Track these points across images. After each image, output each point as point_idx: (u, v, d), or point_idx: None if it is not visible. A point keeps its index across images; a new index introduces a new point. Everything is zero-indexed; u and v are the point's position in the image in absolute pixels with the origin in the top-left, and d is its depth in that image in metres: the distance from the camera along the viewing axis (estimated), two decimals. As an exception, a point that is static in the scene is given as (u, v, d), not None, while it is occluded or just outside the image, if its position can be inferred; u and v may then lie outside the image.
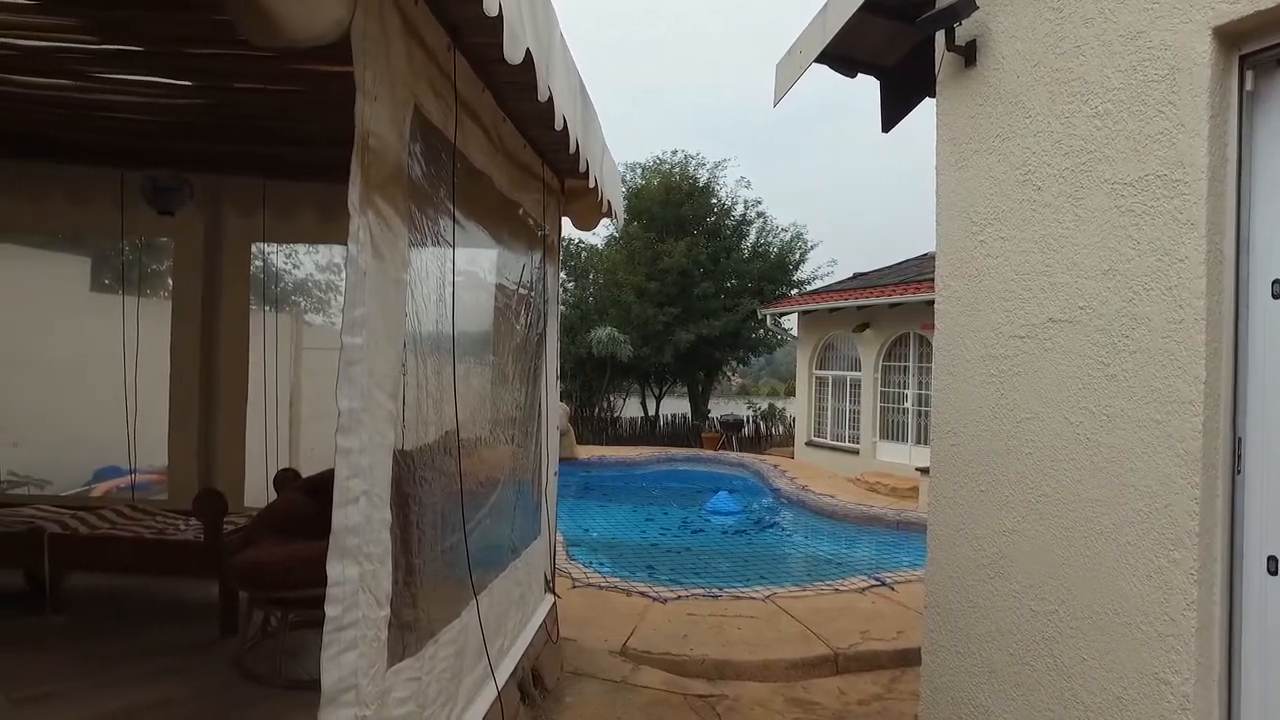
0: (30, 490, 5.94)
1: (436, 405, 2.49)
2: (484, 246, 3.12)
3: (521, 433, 3.74)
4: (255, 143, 4.46)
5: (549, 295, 4.24)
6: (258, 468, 5.08)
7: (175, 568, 4.05)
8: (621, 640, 5.10)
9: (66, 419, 6.34)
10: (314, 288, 13.45)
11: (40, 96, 3.87)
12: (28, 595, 4.11)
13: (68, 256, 7.35)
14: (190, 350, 5.14)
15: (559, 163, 4.17)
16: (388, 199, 2.06)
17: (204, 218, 5.07)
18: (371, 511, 1.99)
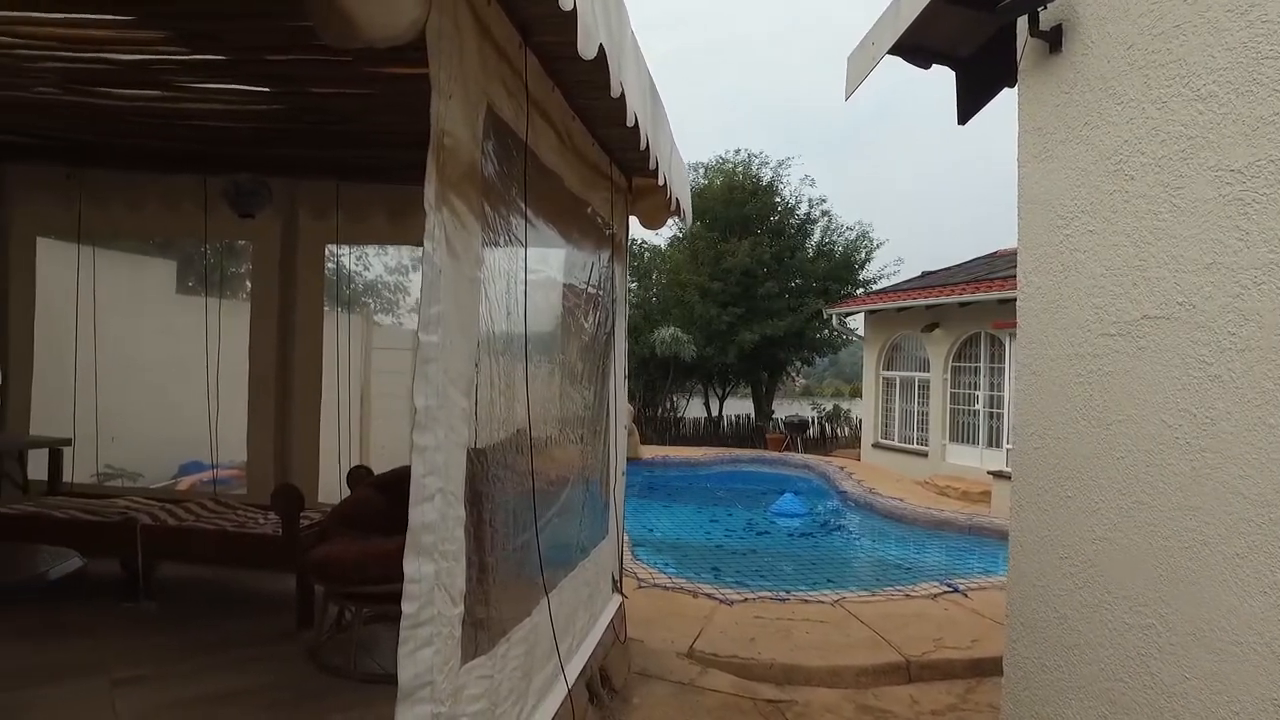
0: (124, 482, 6.22)
1: (508, 404, 2.49)
2: (554, 245, 3.12)
3: (590, 432, 3.74)
4: (329, 146, 4.58)
5: (617, 295, 4.23)
6: (330, 464, 5.21)
7: (254, 560, 4.18)
8: (688, 642, 5.06)
9: (155, 415, 6.62)
10: (383, 289, 13.81)
11: (135, 108, 4.04)
12: (124, 582, 4.28)
13: (156, 260, 7.69)
14: (268, 350, 5.30)
15: (626, 161, 4.16)
16: (462, 197, 2.06)
17: (280, 220, 5.22)
18: (446, 509, 2.00)
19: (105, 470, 6.05)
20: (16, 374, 5.52)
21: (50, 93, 3.91)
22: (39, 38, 3.20)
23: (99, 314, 5.50)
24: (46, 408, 5.52)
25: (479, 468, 2.24)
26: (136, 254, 7.33)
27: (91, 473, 5.69)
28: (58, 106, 4.16)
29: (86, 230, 5.38)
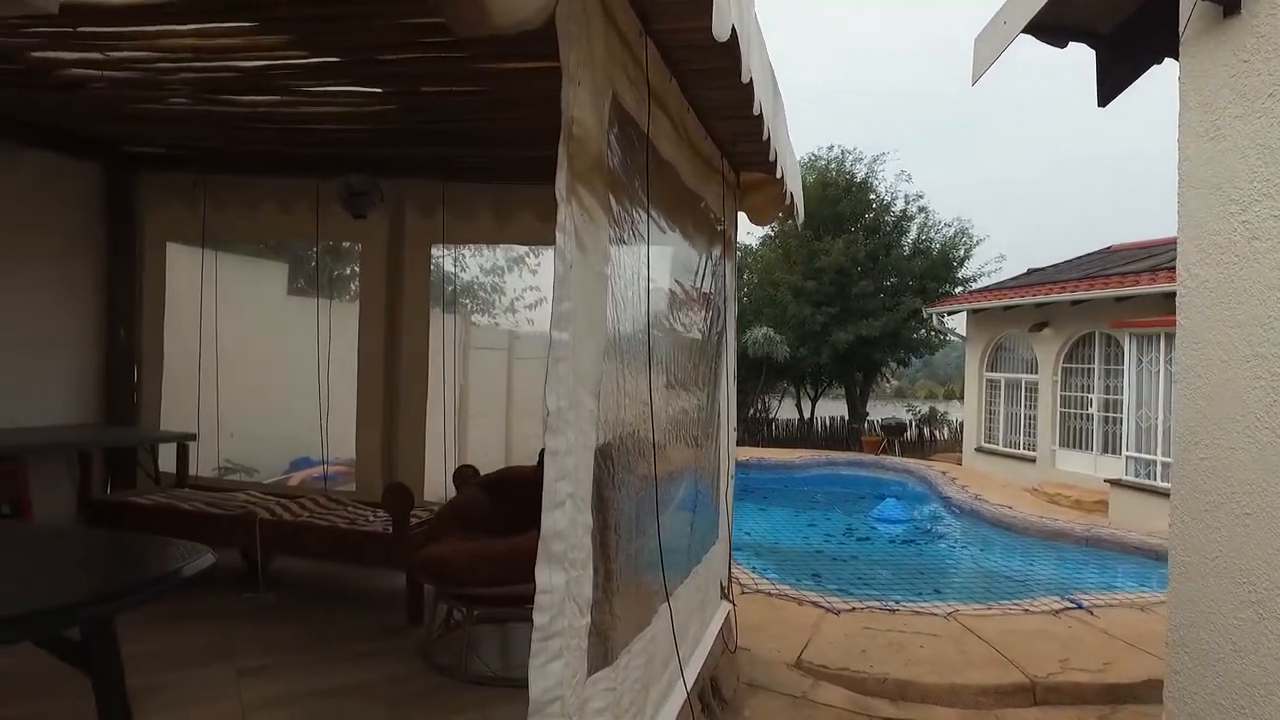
0: (241, 477, 6.46)
1: (630, 405, 2.40)
2: (672, 241, 3.01)
3: (703, 434, 3.62)
4: (436, 145, 4.61)
5: (728, 293, 4.10)
6: (435, 463, 5.26)
7: (365, 557, 4.23)
8: (796, 652, 4.89)
9: (268, 413, 6.86)
10: (479, 290, 14.04)
11: (256, 114, 4.16)
12: (244, 573, 4.42)
13: (270, 262, 7.99)
14: (375, 349, 5.40)
15: (736, 155, 4.03)
16: (590, 189, 1.98)
17: (388, 220, 5.30)
18: (576, 515, 1.91)
19: (225, 465, 6.30)
20: (149, 372, 5.80)
21: (182, 103, 4.06)
22: (175, 50, 3.30)
23: (220, 315, 5.71)
24: (174, 404, 5.77)
25: (604, 471, 2.15)
26: (252, 256, 7.63)
27: (213, 467, 5.93)
28: (189, 117, 4.32)
29: (209, 234, 5.60)
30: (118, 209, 5.65)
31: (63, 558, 2.22)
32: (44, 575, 2.09)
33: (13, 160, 5.02)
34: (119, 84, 3.82)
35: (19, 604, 1.83)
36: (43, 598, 1.91)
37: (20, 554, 2.27)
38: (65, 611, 1.87)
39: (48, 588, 1.99)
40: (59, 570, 2.14)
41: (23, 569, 2.15)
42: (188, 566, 2.15)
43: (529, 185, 5.04)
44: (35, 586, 1.99)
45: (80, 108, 4.34)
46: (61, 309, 5.41)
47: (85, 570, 2.17)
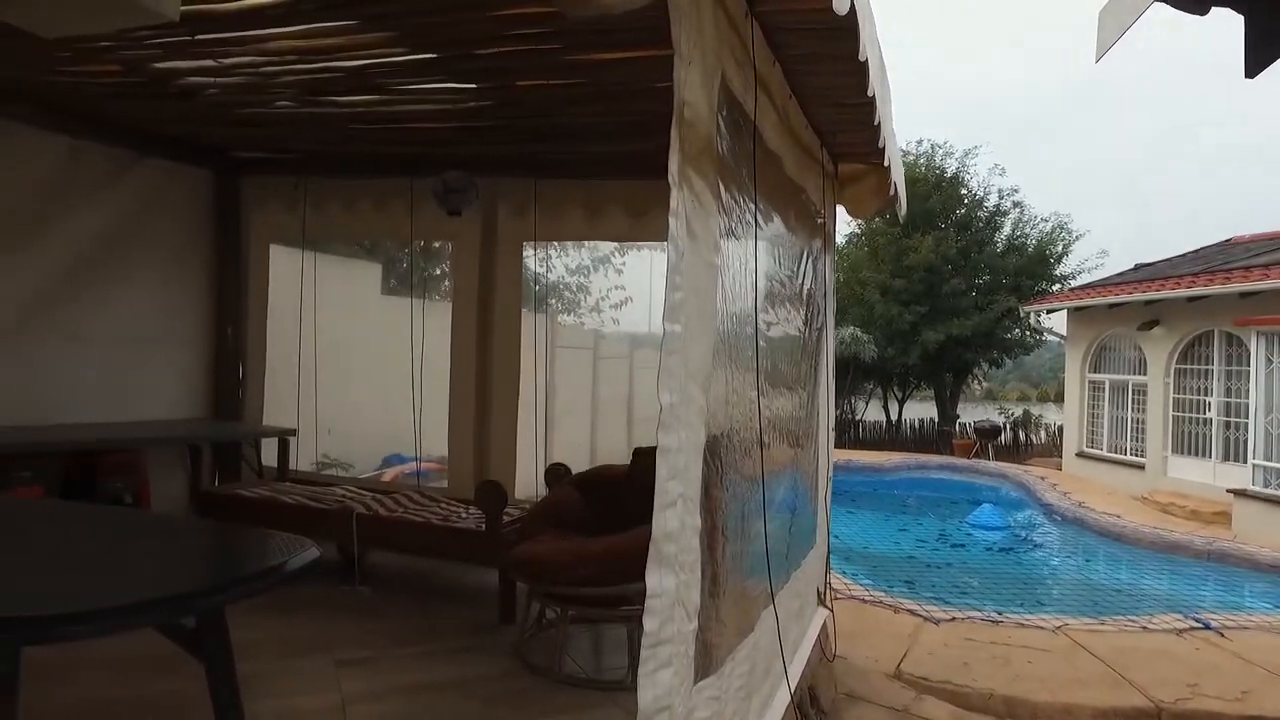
0: (337, 472, 6.65)
1: (736, 402, 2.30)
2: (774, 233, 2.90)
3: (804, 435, 3.49)
4: (529, 142, 4.61)
5: (828, 289, 3.95)
6: (526, 461, 5.27)
7: (458, 553, 4.25)
8: (894, 662, 4.69)
9: (362, 410, 7.04)
10: (564, 289, 14.14)
11: (354, 115, 4.23)
12: (342, 566, 4.51)
13: (365, 262, 8.22)
14: (468, 347, 5.44)
15: (835, 145, 3.88)
16: (700, 174, 1.89)
17: (480, 218, 5.34)
18: (686, 516, 1.83)
19: (322, 460, 6.49)
20: (253, 370, 6.01)
21: (287, 106, 4.16)
22: (280, 53, 3.38)
23: (318, 314, 5.88)
24: (276, 401, 5.97)
25: (711, 470, 2.06)
26: (348, 257, 7.85)
27: (311, 461, 6.10)
28: (291, 119, 4.44)
29: (308, 235, 5.76)
30: (226, 212, 5.87)
31: (179, 547, 2.27)
32: (163, 563, 2.13)
33: (133, 168, 5.28)
34: (230, 90, 3.94)
35: (142, 591, 1.87)
36: (163, 585, 1.94)
37: (141, 541, 2.33)
38: (184, 600, 1.90)
39: (167, 576, 2.03)
40: (177, 559, 2.18)
41: (144, 556, 2.20)
42: (293, 560, 2.16)
43: (619, 180, 4.99)
44: (156, 574, 2.03)
45: (194, 115, 4.51)
46: (175, 309, 5.65)
47: (200, 560, 2.21)
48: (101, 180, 5.11)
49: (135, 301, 5.35)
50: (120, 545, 2.29)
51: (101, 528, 2.47)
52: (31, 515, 2.63)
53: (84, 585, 1.85)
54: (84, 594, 1.79)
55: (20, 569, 1.98)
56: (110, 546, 2.28)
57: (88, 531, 2.43)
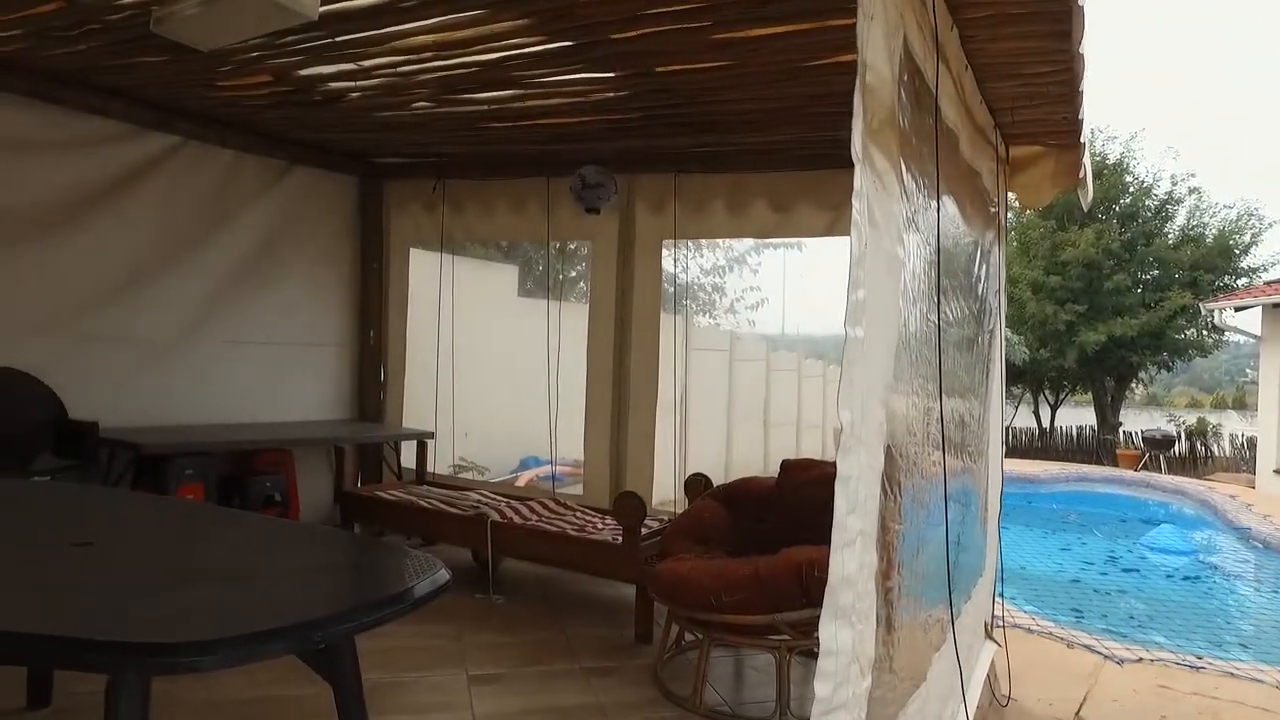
0: (474, 475, 6.69)
1: (913, 417, 1.98)
2: (952, 223, 2.54)
3: (975, 449, 3.09)
4: (668, 133, 4.39)
5: (1000, 285, 3.52)
6: (663, 469, 5.06)
7: (593, 566, 4.09)
8: (1071, 707, 4.14)
9: (499, 413, 7.06)
10: (699, 290, 13.93)
11: (490, 113, 4.15)
12: (476, 572, 4.45)
13: (501, 265, 8.30)
14: (605, 350, 5.29)
15: (1008, 125, 3.45)
16: (883, 150, 1.59)
17: (618, 217, 5.18)
18: (864, 555, 1.54)
19: (459, 463, 6.54)
20: (393, 372, 6.11)
21: (425, 107, 4.14)
22: (416, 49, 3.31)
23: (455, 317, 5.90)
24: (415, 403, 6.05)
25: (889, 499, 1.75)
26: (485, 260, 7.93)
27: (449, 464, 6.14)
28: (430, 120, 4.42)
29: (446, 238, 5.79)
30: (369, 217, 6.00)
31: (312, 562, 2.18)
32: (296, 582, 2.03)
33: (284, 177, 5.46)
34: (370, 93, 3.95)
35: (273, 613, 1.77)
36: (295, 609, 1.83)
37: (273, 553, 2.25)
38: (316, 627, 1.78)
39: (299, 597, 1.92)
40: (310, 576, 2.08)
41: (276, 571, 2.11)
42: (422, 584, 2.03)
43: (762, 173, 4.70)
44: (287, 594, 1.93)
45: (339, 122, 4.59)
46: (322, 312, 5.81)
47: (335, 579, 2.10)
48: (257, 190, 5.31)
49: (286, 306, 5.53)
50: (251, 558, 2.22)
51: (234, 535, 2.44)
52: (170, 519, 2.63)
53: (216, 605, 1.77)
54: (216, 615, 1.71)
55: (150, 584, 1.92)
56: (243, 557, 2.23)
57: (222, 539, 2.39)
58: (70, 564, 1.98)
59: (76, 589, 1.79)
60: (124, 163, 4.63)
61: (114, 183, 4.60)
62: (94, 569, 1.98)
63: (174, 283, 4.88)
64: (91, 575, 1.91)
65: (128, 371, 4.68)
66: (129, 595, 1.79)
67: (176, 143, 4.83)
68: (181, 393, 4.91)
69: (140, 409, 4.70)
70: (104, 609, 1.65)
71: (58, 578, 1.85)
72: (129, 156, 4.65)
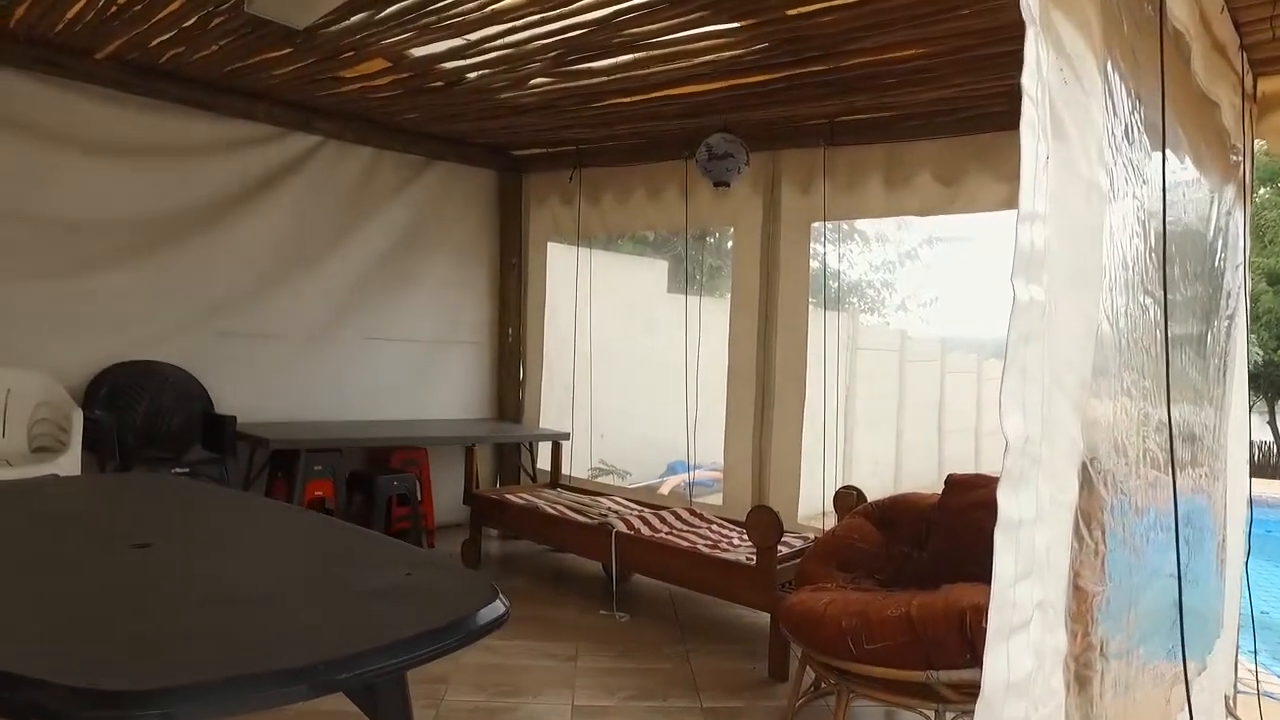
0: (613, 479, 6.41)
1: (1124, 428, 1.39)
2: (1180, 165, 1.88)
3: (1209, 470, 2.36)
4: (813, 98, 3.85)
5: (1242, 259, 2.73)
6: (812, 479, 4.51)
7: (723, 589, 3.63)
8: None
9: (641, 414, 6.73)
10: (866, 286, 13.03)
11: (613, 87, 3.81)
12: (602, 587, 4.13)
13: (650, 259, 7.99)
14: (747, 347, 4.82)
15: (1257, 47, 2.66)
16: (1076, 20, 1.04)
17: (761, 199, 4.68)
18: (1045, 639, 1.00)
19: (598, 466, 6.28)
20: (532, 370, 5.94)
21: (545, 84, 3.86)
22: (517, 7, 3.01)
23: (595, 313, 5.63)
24: (553, 403, 5.84)
25: (1085, 549, 1.19)
26: (631, 254, 7.64)
27: (588, 467, 5.88)
28: (554, 102, 4.15)
29: (583, 230, 5.53)
30: (507, 211, 5.87)
31: (362, 586, 1.88)
32: (332, 611, 1.73)
33: (423, 173, 5.42)
34: (484, 70, 3.72)
35: (303, 653, 1.46)
36: (325, 645, 1.52)
37: (326, 572, 1.99)
38: (346, 664, 1.46)
39: (332, 630, 1.62)
40: (352, 603, 1.78)
41: (311, 597, 1.83)
42: (480, 614, 1.68)
43: (924, 140, 4.05)
44: (317, 627, 1.63)
45: (464, 107, 4.42)
46: (460, 309, 5.74)
47: (377, 605, 1.79)
48: (395, 187, 5.29)
49: (424, 303, 5.49)
50: (300, 574, 1.97)
51: (296, 544, 2.21)
52: (248, 522, 2.45)
53: (223, 633, 1.49)
54: (217, 647, 1.43)
55: (176, 598, 1.69)
56: (291, 571, 1.97)
57: (282, 548, 2.17)
58: (107, 568, 1.80)
59: (85, 599, 1.58)
60: (267, 164, 4.72)
61: (258, 184, 4.70)
62: (128, 575, 1.78)
63: (313, 280, 4.93)
64: (119, 582, 1.71)
65: (269, 367, 4.76)
66: (138, 612, 1.56)
67: (317, 142, 4.87)
68: (319, 389, 4.95)
69: (280, 404, 4.77)
70: (83, 630, 1.42)
71: (75, 585, 1.66)
72: (272, 158, 4.74)
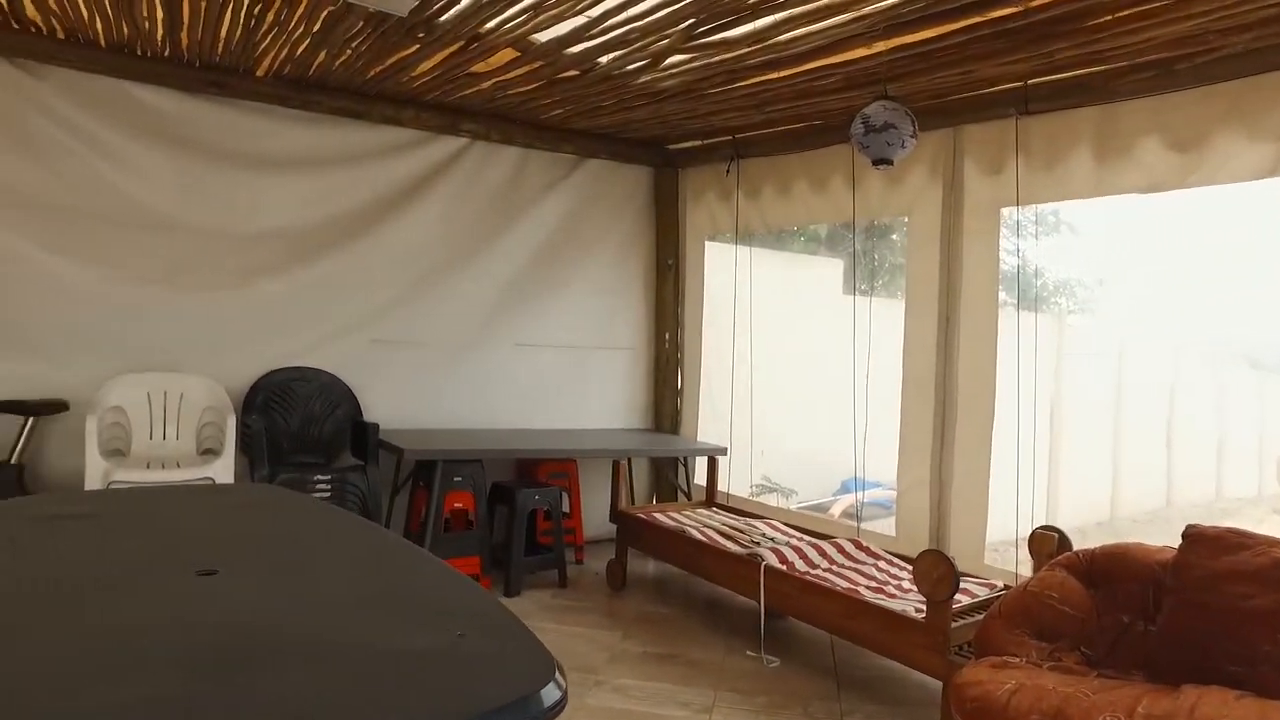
0: (777, 499, 5.91)
1: None
2: None
3: None
4: (997, 53, 3.15)
5: None
6: (1004, 514, 3.80)
7: (885, 644, 3.01)
8: None
9: (808, 429, 6.18)
10: (1076, 285, 11.50)
11: (753, 58, 3.36)
12: (753, 624, 3.68)
13: (820, 259, 7.39)
14: (924, 355, 4.17)
15: None
16: None
17: (940, 182, 4.02)
18: None
19: (760, 484, 5.80)
20: (689, 379, 5.58)
21: (681, 62, 3.49)
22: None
23: (756, 317, 5.18)
24: (712, 414, 5.44)
25: None
26: (801, 252, 7.08)
27: (748, 485, 5.42)
28: (697, 84, 3.77)
29: (743, 226, 5.10)
30: (663, 210, 5.56)
31: (401, 643, 1.57)
32: (355, 680, 1.43)
33: (573, 172, 5.22)
34: (613, 51, 3.40)
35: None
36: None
37: (382, 620, 1.71)
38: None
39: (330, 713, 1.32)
40: (395, 663, 1.48)
41: (367, 652, 1.54)
42: (540, 694, 1.33)
43: (1148, 97, 3.23)
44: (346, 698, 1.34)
45: (604, 96, 4.14)
46: (615, 313, 5.49)
47: (409, 680, 1.47)
48: (544, 187, 5.13)
49: (576, 307, 5.29)
50: (356, 620, 1.69)
51: (374, 578, 1.95)
52: (336, 546, 2.25)
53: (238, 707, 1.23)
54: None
55: (200, 648, 1.45)
56: (346, 619, 1.71)
57: (358, 585, 1.92)
58: (151, 600, 1.61)
59: (93, 639, 1.38)
60: (417, 169, 4.69)
61: (408, 190, 4.68)
62: (159, 611, 1.57)
63: (462, 285, 4.85)
64: (140, 622, 1.50)
65: (417, 374, 4.73)
66: (127, 669, 1.33)
67: (463, 145, 4.79)
68: (467, 396, 4.87)
69: (427, 412, 4.72)
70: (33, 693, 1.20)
71: (104, 617, 1.47)
72: (421, 163, 4.70)
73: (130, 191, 3.99)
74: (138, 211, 4.01)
